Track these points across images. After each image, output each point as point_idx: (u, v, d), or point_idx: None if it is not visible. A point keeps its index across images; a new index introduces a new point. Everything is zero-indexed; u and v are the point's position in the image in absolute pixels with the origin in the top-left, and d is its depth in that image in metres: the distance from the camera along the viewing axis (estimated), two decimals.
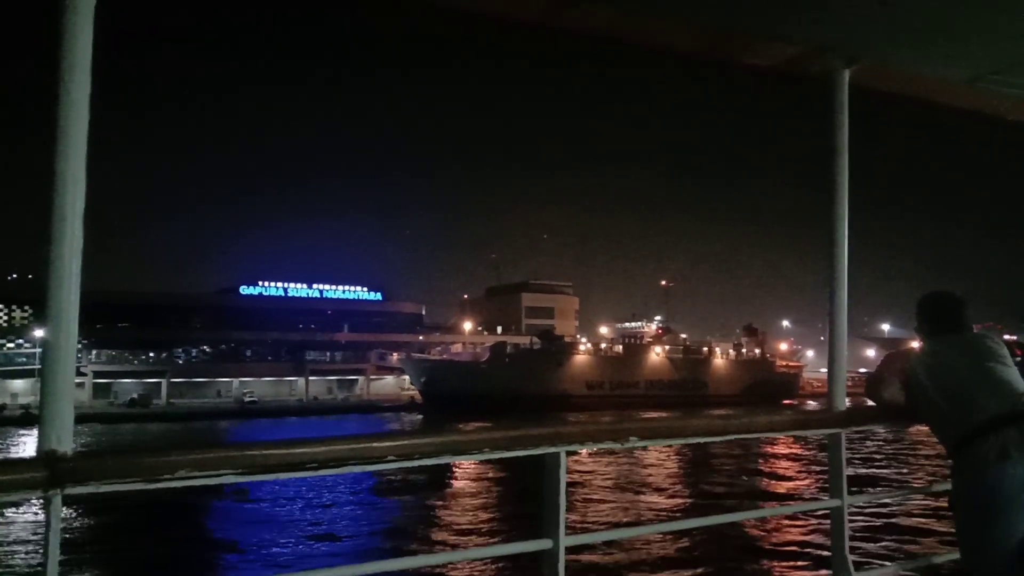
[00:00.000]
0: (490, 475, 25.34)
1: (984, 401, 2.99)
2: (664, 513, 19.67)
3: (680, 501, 21.47)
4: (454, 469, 25.86)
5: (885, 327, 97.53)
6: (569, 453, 2.72)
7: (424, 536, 17.57)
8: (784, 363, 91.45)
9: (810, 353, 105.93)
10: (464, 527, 18.00)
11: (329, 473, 2.31)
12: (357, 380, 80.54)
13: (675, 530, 4.01)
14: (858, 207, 3.60)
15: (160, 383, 71.82)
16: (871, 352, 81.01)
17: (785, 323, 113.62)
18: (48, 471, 1.76)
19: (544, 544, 2.59)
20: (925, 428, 3.36)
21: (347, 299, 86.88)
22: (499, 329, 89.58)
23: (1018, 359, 3.26)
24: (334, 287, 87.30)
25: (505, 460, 2.69)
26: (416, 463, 2.56)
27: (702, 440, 3.25)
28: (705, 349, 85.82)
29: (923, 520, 15.82)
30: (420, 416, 64.09)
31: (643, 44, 3.36)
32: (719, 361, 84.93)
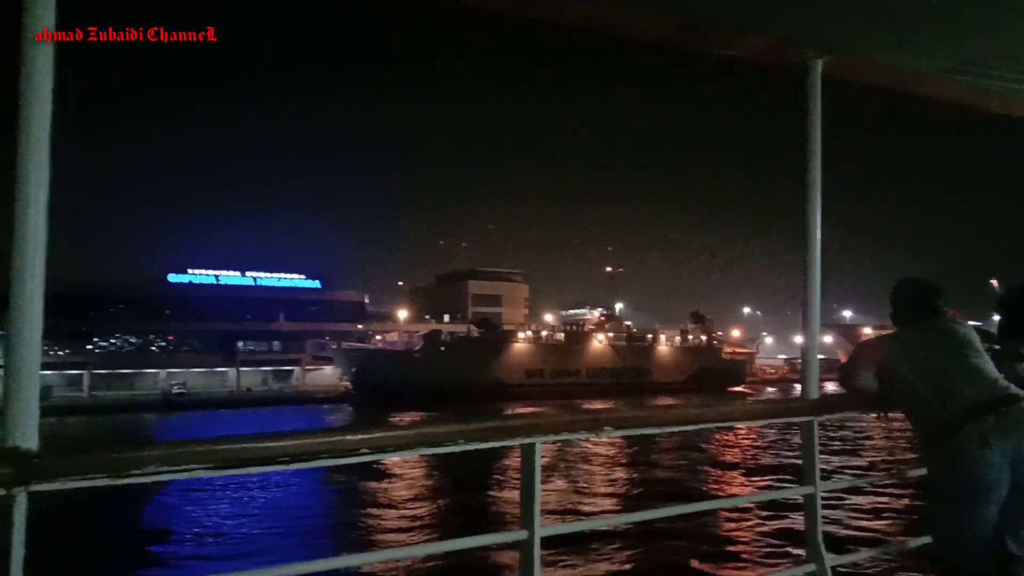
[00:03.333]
0: (419, 469, 25.27)
1: (963, 389, 3.07)
2: (631, 503, 19.95)
3: (642, 490, 21.80)
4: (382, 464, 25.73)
5: (847, 314, 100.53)
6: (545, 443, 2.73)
7: (364, 531, 17.56)
8: (732, 350, 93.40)
9: (769, 340, 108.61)
10: (396, 524, 18.10)
11: (300, 466, 2.31)
12: (293, 371, 79.37)
13: (649, 519, 4.05)
14: (824, 195, 3.67)
15: (82, 375, 69.58)
16: (828, 339, 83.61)
17: (746, 310, 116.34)
18: (14, 468, 1.73)
19: (520, 535, 2.60)
20: (872, 417, 3.45)
21: (283, 287, 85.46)
22: (446, 317, 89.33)
23: (986, 346, 3.36)
24: (269, 275, 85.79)
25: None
26: (390, 456, 2.54)
27: (678, 429, 3.27)
28: (649, 336, 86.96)
29: (894, 505, 16.38)
30: (351, 408, 63.29)
31: (618, 35, 3.37)
32: (663, 348, 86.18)
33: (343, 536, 17.62)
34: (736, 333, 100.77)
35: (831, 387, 4.48)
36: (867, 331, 75.97)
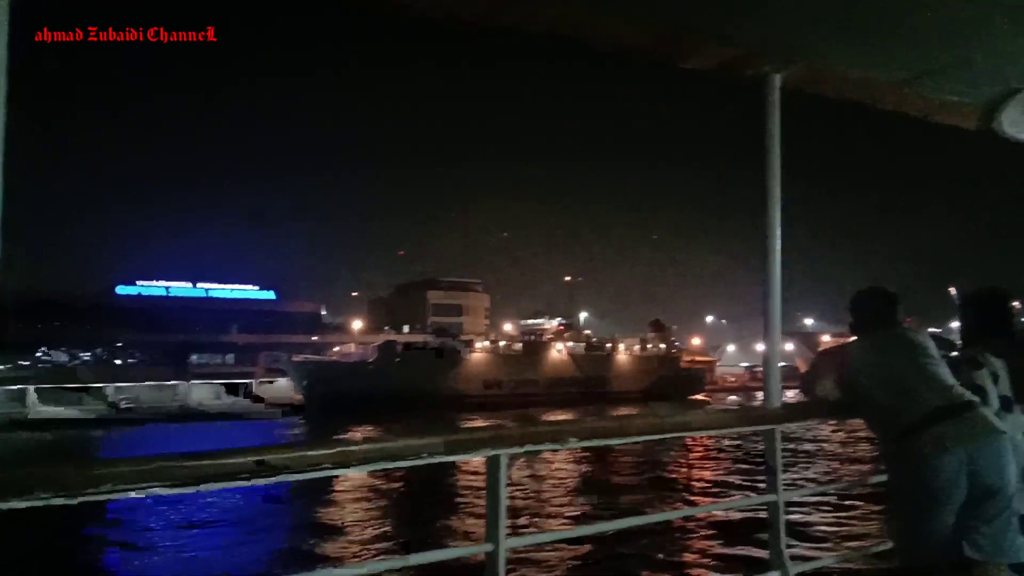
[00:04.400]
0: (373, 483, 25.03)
1: (921, 396, 3.16)
2: (594, 513, 19.97)
3: (605, 500, 21.83)
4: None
5: (808, 321, 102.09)
6: (511, 456, 2.73)
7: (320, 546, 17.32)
8: (692, 358, 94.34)
9: (731, 348, 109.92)
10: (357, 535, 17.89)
11: (262, 482, 2.27)
12: (246, 384, 78.12)
13: (614, 529, 4.07)
14: (785, 204, 3.75)
15: (26, 389, 67.60)
16: (789, 346, 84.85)
17: (710, 318, 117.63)
18: None
19: (486, 547, 2.60)
20: (829, 426, 3.54)
21: (236, 298, 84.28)
22: (406, 328, 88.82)
23: (942, 353, 3.46)
24: (222, 286, 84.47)
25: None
26: (353, 470, 2.53)
27: (641, 439, 3.30)
28: (608, 345, 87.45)
29: (856, 512, 16.63)
30: (302, 421, 62.23)
31: (587, 42, 3.41)
32: (622, 357, 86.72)
33: (296, 555, 17.34)
34: (696, 341, 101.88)
35: (792, 395, 4.57)
36: (826, 339, 77.44)
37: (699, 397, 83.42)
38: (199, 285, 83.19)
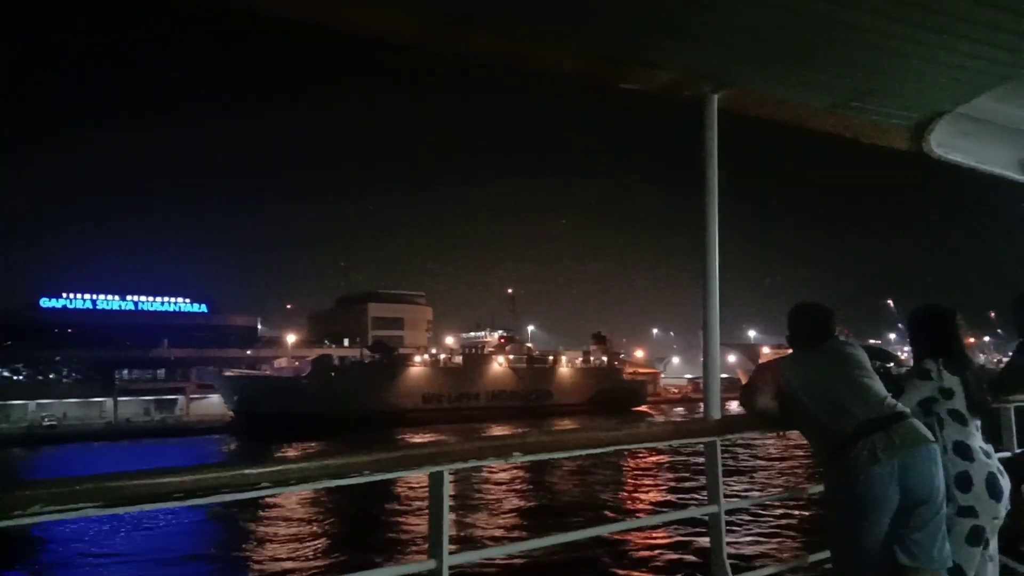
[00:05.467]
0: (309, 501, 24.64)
1: (854, 408, 3.27)
2: (537, 528, 19.97)
3: (548, 514, 21.87)
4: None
5: (752, 333, 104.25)
6: (453, 471, 2.74)
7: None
8: (635, 370, 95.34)
9: (676, 360, 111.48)
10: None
11: (198, 503, 2.24)
12: (176, 400, 76.01)
13: (556, 543, 4.07)
14: (730, 221, 3.88)
15: None
16: (732, 358, 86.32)
17: (655, 330, 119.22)
18: None
19: (428, 564, 2.59)
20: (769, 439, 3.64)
21: (167, 312, 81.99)
22: (346, 342, 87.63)
23: (878, 365, 3.58)
24: (152, 299, 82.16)
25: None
26: (293, 488, 2.50)
27: (584, 452, 3.34)
28: (551, 358, 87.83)
29: (796, 522, 16.98)
30: (234, 439, 60.69)
31: (525, 68, 3.49)
32: (564, 370, 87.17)
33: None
34: (639, 353, 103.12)
35: (734, 406, 4.67)
36: (766, 351, 79.17)
37: (642, 409, 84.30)
38: (128, 298, 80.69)
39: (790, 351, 3.71)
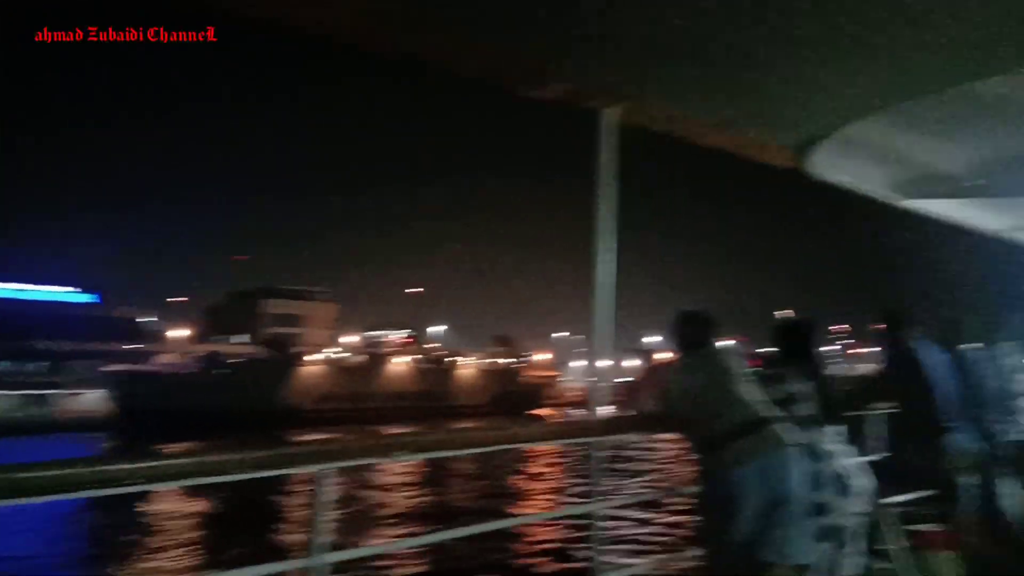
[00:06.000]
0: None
1: (725, 412, 3.47)
2: (420, 526, 19.89)
3: (433, 514, 21.81)
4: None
5: (652, 340, 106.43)
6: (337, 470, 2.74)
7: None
8: (536, 372, 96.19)
9: (578, 363, 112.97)
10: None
11: (63, 497, 2.18)
12: (54, 395, 72.07)
13: (435, 541, 4.12)
14: (642, 226, 4.00)
15: None
16: (637, 362, 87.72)
17: (564, 333, 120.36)
18: None
19: (307, 562, 2.60)
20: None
21: (47, 301, 77.74)
22: (240, 337, 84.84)
23: (759, 368, 3.81)
24: (31, 287, 77.78)
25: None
26: (167, 485, 2.47)
27: (468, 452, 3.40)
28: (451, 359, 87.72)
29: (673, 520, 17.40)
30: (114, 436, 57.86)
31: (425, 69, 3.55)
32: (465, 371, 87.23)
33: None
34: (540, 356, 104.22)
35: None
36: (664, 356, 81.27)
37: (537, 412, 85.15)
38: (5, 286, 76.11)
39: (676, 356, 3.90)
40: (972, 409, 5.42)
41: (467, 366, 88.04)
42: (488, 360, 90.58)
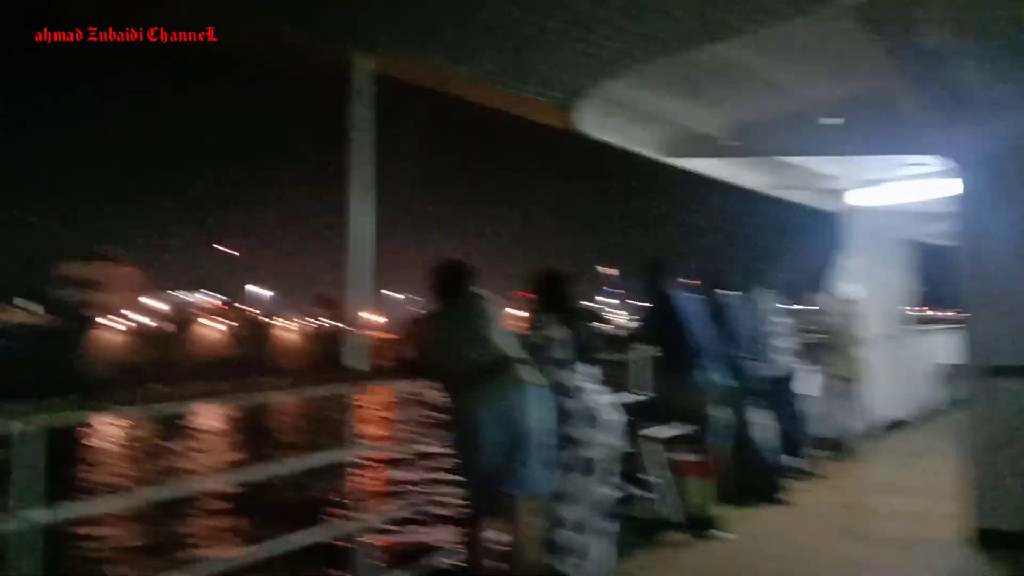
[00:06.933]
0: None
1: (471, 355, 3.65)
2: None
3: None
4: None
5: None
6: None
7: None
8: (371, 334, 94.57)
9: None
10: None
11: None
12: None
13: (167, 496, 3.93)
14: (400, 190, 3.98)
15: None
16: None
17: (388, 292, 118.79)
18: None
19: (16, 523, 2.43)
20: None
21: None
22: (23, 302, 77.50)
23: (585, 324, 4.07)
24: None
25: None
26: None
27: (207, 404, 3.35)
28: (272, 322, 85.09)
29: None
30: None
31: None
32: (287, 334, 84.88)
33: None
34: (366, 316, 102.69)
35: None
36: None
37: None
38: None
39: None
40: (726, 349, 5.97)
41: (287, 328, 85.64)
42: (311, 321, 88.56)
